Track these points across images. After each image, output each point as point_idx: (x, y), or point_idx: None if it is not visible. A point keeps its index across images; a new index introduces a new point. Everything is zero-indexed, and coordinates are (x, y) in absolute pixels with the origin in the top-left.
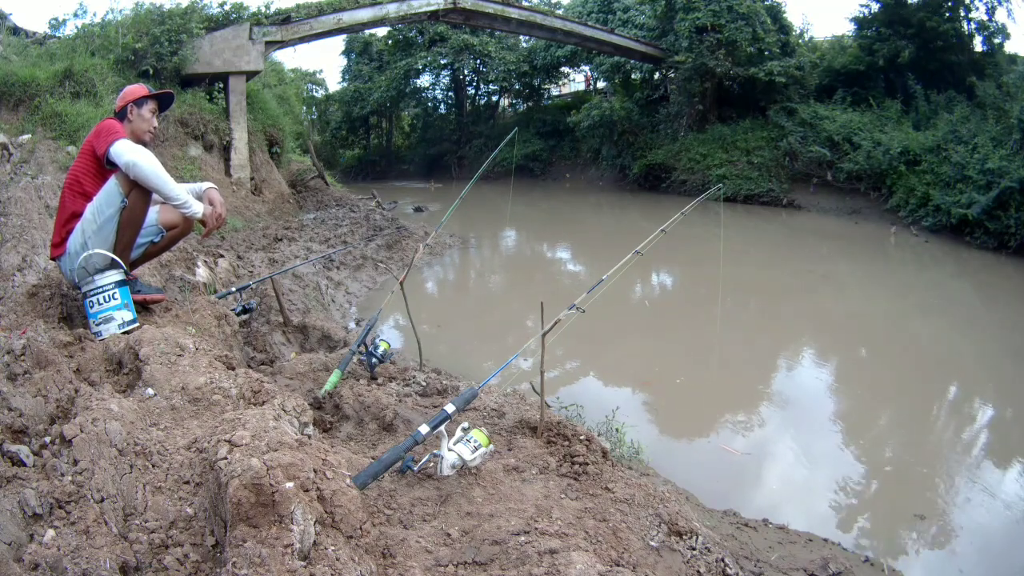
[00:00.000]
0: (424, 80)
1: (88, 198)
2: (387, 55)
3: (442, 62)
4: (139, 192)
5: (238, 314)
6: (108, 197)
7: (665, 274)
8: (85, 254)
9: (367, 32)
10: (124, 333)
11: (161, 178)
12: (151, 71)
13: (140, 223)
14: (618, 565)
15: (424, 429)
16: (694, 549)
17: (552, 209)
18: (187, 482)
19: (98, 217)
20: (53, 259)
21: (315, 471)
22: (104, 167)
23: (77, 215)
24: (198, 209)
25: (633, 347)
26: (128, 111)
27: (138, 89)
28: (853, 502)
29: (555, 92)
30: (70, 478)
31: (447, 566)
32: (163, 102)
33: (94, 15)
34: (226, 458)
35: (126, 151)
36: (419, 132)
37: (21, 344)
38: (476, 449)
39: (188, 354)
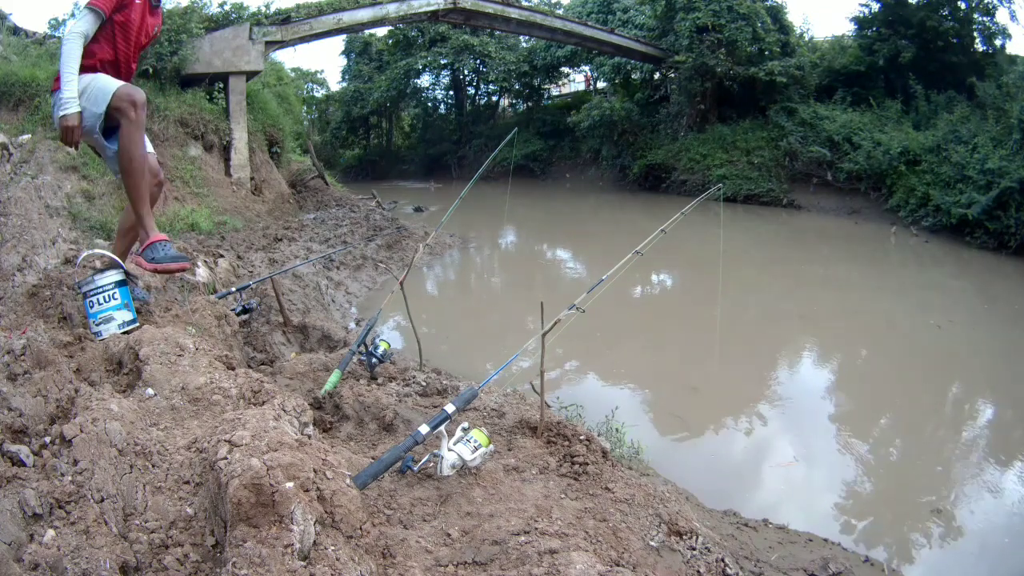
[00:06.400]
0: (424, 80)
1: (90, 56)
2: (387, 55)
3: (442, 62)
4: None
5: (238, 314)
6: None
7: (665, 274)
8: (86, 253)
9: (367, 32)
10: (124, 333)
11: (65, 59)
12: (150, 71)
13: (139, 168)
14: (618, 565)
15: (424, 429)
16: (694, 549)
17: (552, 209)
18: (187, 482)
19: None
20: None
21: (315, 471)
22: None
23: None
24: (65, 112)
25: (633, 347)
26: None
27: None
28: (853, 502)
29: (555, 92)
30: (70, 478)
31: (447, 566)
32: None
33: None
34: (226, 458)
35: (73, 23)
36: (419, 132)
37: (21, 344)
38: (476, 449)
39: (188, 354)
